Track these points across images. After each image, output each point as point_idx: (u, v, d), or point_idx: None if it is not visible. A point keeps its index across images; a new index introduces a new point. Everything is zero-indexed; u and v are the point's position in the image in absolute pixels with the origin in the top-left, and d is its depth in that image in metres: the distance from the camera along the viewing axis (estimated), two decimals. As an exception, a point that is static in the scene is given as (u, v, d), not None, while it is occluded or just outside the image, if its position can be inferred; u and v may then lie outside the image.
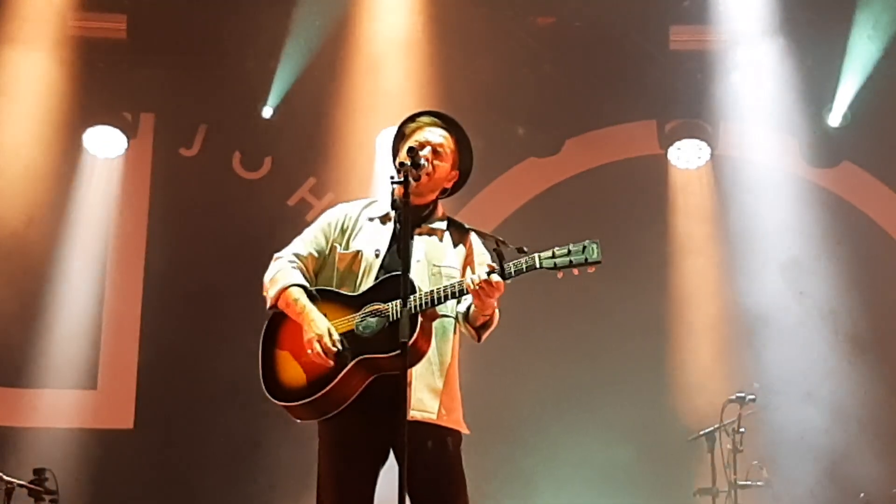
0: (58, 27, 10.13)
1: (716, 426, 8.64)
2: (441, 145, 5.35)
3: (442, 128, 5.41)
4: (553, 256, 4.89)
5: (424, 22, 10.08)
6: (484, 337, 5.23)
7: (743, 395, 8.53)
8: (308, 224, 10.55)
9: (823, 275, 10.15)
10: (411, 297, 4.91)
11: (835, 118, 10.27)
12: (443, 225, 5.37)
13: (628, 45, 10.12)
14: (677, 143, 10.60)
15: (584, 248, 4.87)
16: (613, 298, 10.25)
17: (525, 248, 4.95)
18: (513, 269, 4.92)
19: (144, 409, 10.52)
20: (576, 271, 4.88)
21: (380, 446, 5.11)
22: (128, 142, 10.71)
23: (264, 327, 5.31)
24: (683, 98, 10.41)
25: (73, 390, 10.52)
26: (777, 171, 10.58)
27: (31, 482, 8.26)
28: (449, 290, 4.97)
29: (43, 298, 10.48)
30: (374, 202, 5.48)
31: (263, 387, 5.20)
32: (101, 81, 10.34)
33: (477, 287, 4.89)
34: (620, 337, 10.20)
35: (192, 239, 10.63)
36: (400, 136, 5.47)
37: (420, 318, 4.94)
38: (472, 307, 5.13)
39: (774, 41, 10.04)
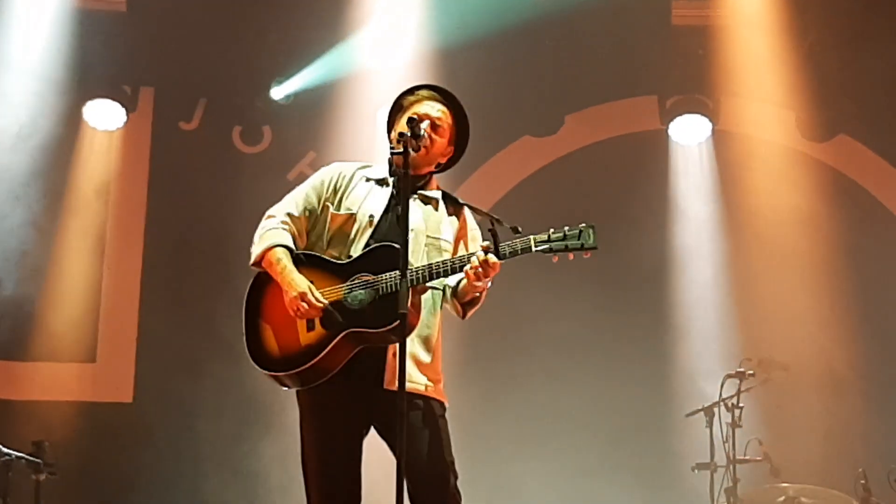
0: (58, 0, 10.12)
1: (714, 401, 8.63)
2: (440, 119, 5.35)
3: (441, 102, 5.41)
4: (548, 240, 4.88)
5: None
6: (469, 314, 5.23)
7: (742, 370, 8.52)
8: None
9: (821, 248, 10.15)
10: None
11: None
12: (437, 195, 5.37)
13: (630, 20, 10.08)
14: (678, 119, 10.58)
15: (581, 233, 4.85)
16: (612, 273, 10.25)
17: (519, 229, 4.92)
18: (507, 251, 4.90)
19: (143, 383, 10.52)
20: (571, 256, 4.87)
21: (362, 417, 5.11)
22: (127, 115, 10.67)
23: (247, 292, 5.30)
24: (685, 73, 10.39)
25: (72, 363, 10.52)
26: (777, 146, 10.59)
27: (29, 454, 8.27)
28: (445, 268, 4.96)
29: (42, 272, 10.47)
30: (370, 165, 5.47)
31: (248, 354, 5.19)
32: (100, 54, 10.29)
33: (475, 268, 4.86)
34: (618, 312, 10.20)
35: (192, 213, 10.61)
36: (397, 109, 5.47)
37: (411, 293, 4.89)
38: (463, 284, 5.10)
39: (774, 16, 10.01)
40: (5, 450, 8.08)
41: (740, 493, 8.39)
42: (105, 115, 10.65)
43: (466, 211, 5.37)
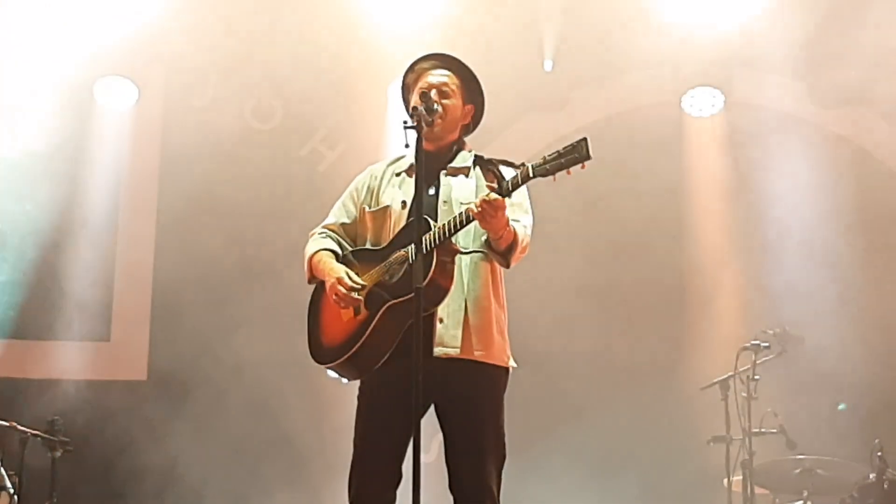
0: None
1: (730, 374, 8.61)
2: (445, 84, 5.41)
3: (441, 67, 5.47)
4: (544, 163, 4.86)
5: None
6: (513, 261, 5.21)
7: (757, 342, 8.49)
8: (319, 174, 10.66)
9: (834, 219, 10.12)
10: (424, 236, 4.94)
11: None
12: (468, 161, 5.41)
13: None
14: (690, 91, 10.54)
15: (574, 147, 4.82)
16: (627, 247, 10.23)
17: (525, 163, 4.96)
18: (510, 185, 4.93)
19: (157, 361, 10.55)
20: (569, 172, 4.84)
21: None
22: (139, 93, 10.66)
23: (309, 299, 5.45)
24: (697, 45, 10.32)
25: (86, 342, 10.56)
26: (789, 117, 10.54)
27: (44, 432, 8.29)
28: (458, 221, 4.99)
29: (56, 251, 10.48)
30: (399, 158, 5.55)
31: (310, 355, 5.35)
32: (111, 31, 10.26)
33: (479, 209, 4.90)
34: (634, 286, 10.18)
35: (204, 191, 10.57)
36: (406, 90, 5.54)
37: (436, 255, 4.97)
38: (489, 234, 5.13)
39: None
40: (21, 428, 8.11)
41: (756, 465, 8.37)
42: (116, 93, 10.64)
43: (501, 169, 5.36)
